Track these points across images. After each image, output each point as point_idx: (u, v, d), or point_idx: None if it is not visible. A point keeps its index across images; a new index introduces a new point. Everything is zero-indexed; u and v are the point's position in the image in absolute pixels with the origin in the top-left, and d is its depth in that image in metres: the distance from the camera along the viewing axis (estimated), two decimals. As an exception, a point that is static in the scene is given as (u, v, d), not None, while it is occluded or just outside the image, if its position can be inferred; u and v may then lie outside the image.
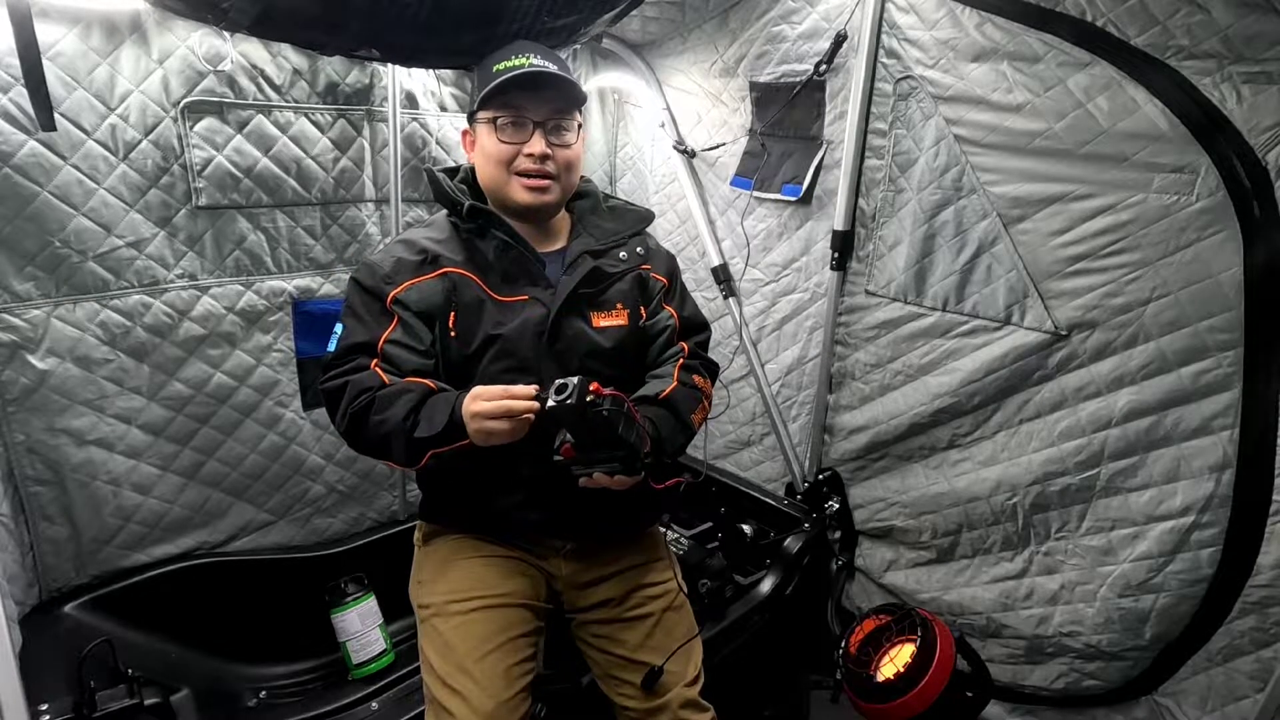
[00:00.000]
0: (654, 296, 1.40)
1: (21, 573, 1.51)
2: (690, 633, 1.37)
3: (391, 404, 1.15)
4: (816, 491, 2.03)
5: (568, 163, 1.28)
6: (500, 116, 1.23)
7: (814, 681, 1.97)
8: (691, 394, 1.35)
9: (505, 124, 1.23)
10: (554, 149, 1.25)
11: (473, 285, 1.25)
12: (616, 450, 1.11)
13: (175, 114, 1.52)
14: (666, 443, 1.26)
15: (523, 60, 1.24)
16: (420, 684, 1.27)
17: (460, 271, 1.26)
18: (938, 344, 1.71)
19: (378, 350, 1.21)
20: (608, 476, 1.15)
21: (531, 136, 1.24)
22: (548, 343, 1.25)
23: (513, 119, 1.23)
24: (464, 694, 1.17)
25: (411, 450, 1.14)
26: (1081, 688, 1.62)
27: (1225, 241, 1.28)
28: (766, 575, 1.81)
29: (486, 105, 1.24)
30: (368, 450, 1.22)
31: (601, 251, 1.34)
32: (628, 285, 1.36)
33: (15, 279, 1.43)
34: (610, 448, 1.10)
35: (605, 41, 2.14)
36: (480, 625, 1.24)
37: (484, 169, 1.29)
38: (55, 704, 1.27)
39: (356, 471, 1.97)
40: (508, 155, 1.24)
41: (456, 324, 1.24)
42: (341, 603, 1.70)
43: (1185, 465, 1.40)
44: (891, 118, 1.70)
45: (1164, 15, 1.27)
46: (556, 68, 1.25)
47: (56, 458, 1.53)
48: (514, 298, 1.27)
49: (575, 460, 1.12)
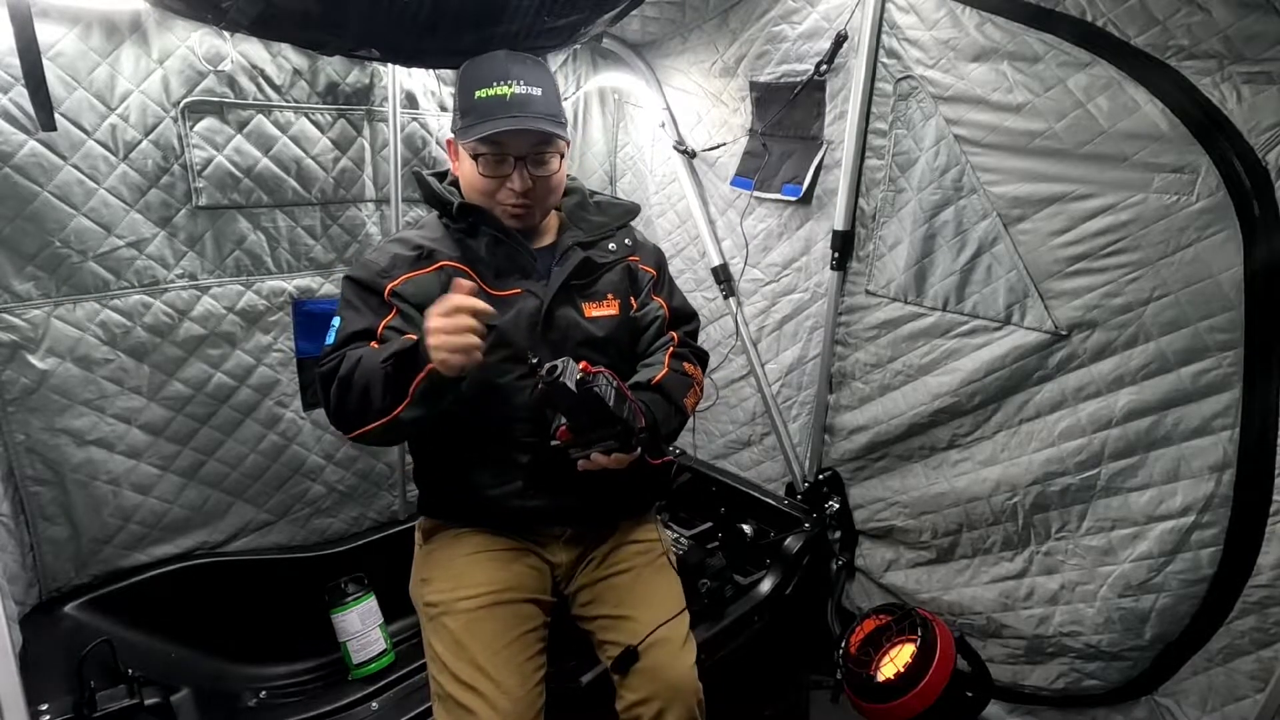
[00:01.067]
0: (643, 287, 1.44)
1: (21, 573, 1.51)
2: (674, 596, 1.38)
3: (370, 358, 1.14)
4: (816, 491, 2.03)
5: (549, 190, 1.30)
6: (482, 153, 1.24)
7: (814, 681, 1.97)
8: (683, 379, 1.39)
9: (487, 160, 1.24)
10: (535, 180, 1.26)
11: (468, 277, 1.25)
12: (612, 427, 1.12)
13: (175, 114, 1.52)
14: (661, 425, 1.29)
15: (504, 90, 1.22)
16: (421, 684, 1.27)
17: (455, 265, 1.28)
18: (938, 344, 1.71)
19: (377, 336, 1.22)
20: (605, 456, 1.16)
21: (513, 172, 1.24)
22: (542, 332, 1.29)
23: (494, 156, 1.24)
24: (484, 692, 1.17)
25: (389, 386, 1.10)
26: (1081, 688, 1.62)
27: (1225, 241, 1.28)
28: (766, 575, 1.81)
29: (464, 135, 1.24)
30: (356, 418, 1.17)
31: (590, 243, 1.37)
32: (617, 276, 1.39)
33: (15, 279, 1.43)
34: (606, 425, 1.11)
35: (605, 41, 2.14)
36: (491, 622, 1.25)
37: (467, 191, 1.31)
38: (55, 704, 1.27)
39: (356, 471, 1.98)
40: (490, 188, 1.27)
41: None
42: (341, 603, 1.70)
43: (1185, 465, 1.40)
44: (892, 118, 1.70)
45: (1164, 15, 1.27)
46: (541, 91, 1.25)
47: (56, 458, 1.53)
48: (508, 291, 1.29)
49: (572, 443, 1.13)
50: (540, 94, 1.24)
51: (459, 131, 1.26)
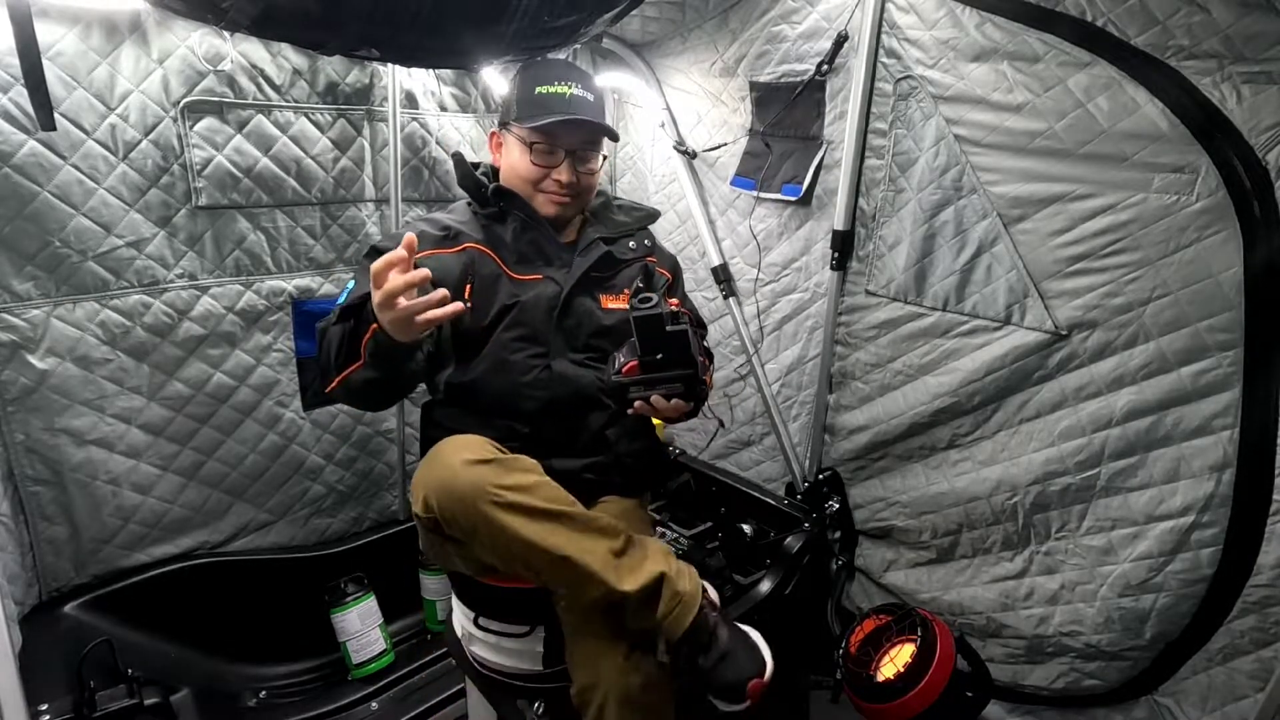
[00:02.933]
0: (658, 288, 1.46)
1: (21, 573, 1.51)
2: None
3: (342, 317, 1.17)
4: (816, 491, 2.03)
5: (589, 185, 1.40)
6: (536, 143, 1.32)
7: (814, 681, 1.97)
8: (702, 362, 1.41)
9: (540, 149, 1.33)
10: (579, 175, 1.35)
11: (490, 261, 1.33)
12: (686, 369, 1.09)
13: (175, 114, 1.52)
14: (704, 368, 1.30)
15: (564, 89, 1.32)
16: (421, 684, 1.27)
17: (479, 248, 1.34)
18: (938, 344, 1.71)
19: None
20: (665, 400, 1.13)
21: (561, 163, 1.33)
22: (558, 318, 1.32)
23: (547, 147, 1.32)
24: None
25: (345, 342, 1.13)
26: (1081, 688, 1.62)
27: (1225, 241, 1.28)
28: (766, 575, 1.81)
29: (522, 123, 1.32)
30: (324, 373, 1.20)
31: (613, 239, 1.43)
32: (636, 273, 1.44)
33: (15, 279, 1.43)
34: (680, 366, 1.09)
35: (605, 41, 2.14)
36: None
37: (511, 179, 1.38)
38: (55, 704, 1.27)
39: (356, 471, 1.98)
40: (537, 176, 1.34)
41: (473, 295, 1.30)
42: (341, 603, 1.71)
43: (1185, 465, 1.40)
44: (891, 118, 1.70)
45: (1164, 15, 1.27)
46: (593, 97, 1.35)
47: (56, 458, 1.53)
48: (529, 276, 1.35)
49: (638, 380, 1.09)
50: (593, 100, 1.35)
51: (517, 119, 1.33)
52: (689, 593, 1.16)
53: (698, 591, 1.18)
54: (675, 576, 1.17)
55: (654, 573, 1.14)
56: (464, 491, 1.08)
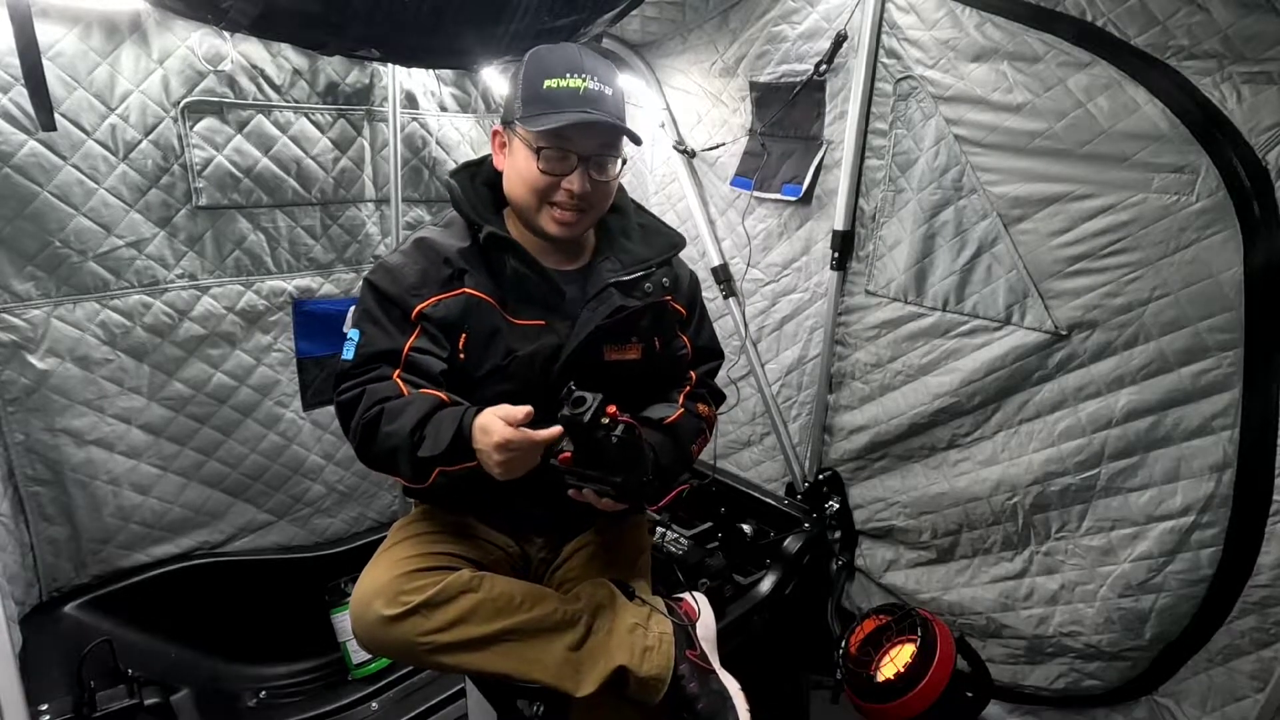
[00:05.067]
0: (671, 327, 1.34)
1: (21, 573, 1.51)
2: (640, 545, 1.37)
3: (400, 414, 1.07)
4: (816, 491, 2.03)
5: (604, 196, 1.20)
6: (544, 147, 1.12)
7: (814, 681, 1.97)
8: (695, 423, 1.32)
9: (549, 154, 1.12)
10: (594, 184, 1.15)
11: (489, 310, 1.18)
12: (613, 478, 1.08)
13: (175, 114, 1.52)
14: (666, 472, 1.23)
15: (578, 83, 1.11)
16: (421, 684, 1.27)
17: (478, 295, 1.18)
18: (938, 344, 1.71)
19: (401, 359, 1.14)
20: (597, 496, 1.11)
21: (573, 171, 1.13)
22: (557, 372, 1.19)
23: (558, 151, 1.12)
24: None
25: (417, 467, 1.06)
26: (1081, 688, 1.62)
27: (1225, 241, 1.28)
28: (766, 575, 1.81)
29: (528, 124, 1.11)
30: (377, 464, 1.13)
31: (628, 283, 1.25)
32: (648, 321, 1.27)
33: (15, 279, 1.43)
34: (608, 471, 1.07)
35: (605, 41, 2.14)
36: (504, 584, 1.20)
37: (514, 188, 1.19)
38: (55, 704, 1.27)
39: (356, 471, 1.98)
40: (544, 185, 1.14)
41: (467, 346, 1.17)
42: (341, 603, 1.71)
43: (1185, 465, 1.40)
44: (891, 118, 1.70)
45: (1164, 15, 1.27)
46: (612, 91, 1.14)
47: (56, 458, 1.53)
48: (530, 321, 1.20)
49: (570, 471, 1.08)
50: (611, 94, 1.14)
51: (524, 120, 1.11)
52: (655, 675, 1.16)
53: (668, 666, 1.17)
54: (639, 663, 1.16)
55: (611, 668, 1.14)
56: (397, 649, 1.10)
